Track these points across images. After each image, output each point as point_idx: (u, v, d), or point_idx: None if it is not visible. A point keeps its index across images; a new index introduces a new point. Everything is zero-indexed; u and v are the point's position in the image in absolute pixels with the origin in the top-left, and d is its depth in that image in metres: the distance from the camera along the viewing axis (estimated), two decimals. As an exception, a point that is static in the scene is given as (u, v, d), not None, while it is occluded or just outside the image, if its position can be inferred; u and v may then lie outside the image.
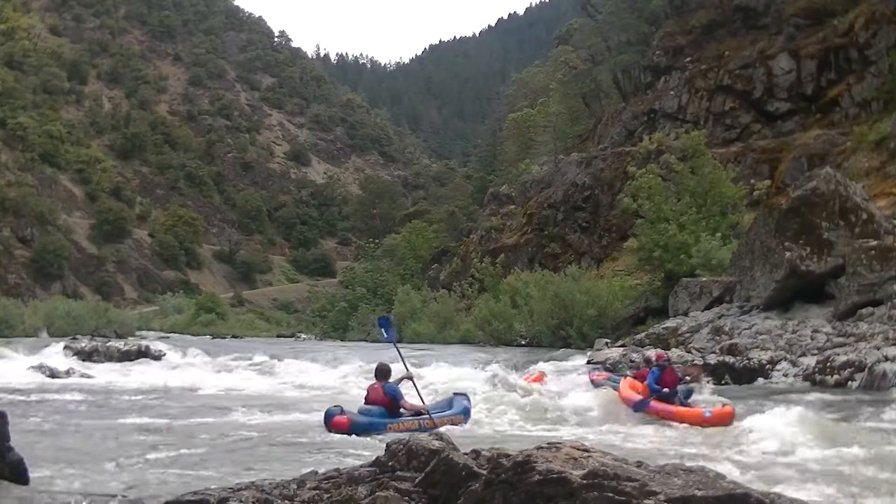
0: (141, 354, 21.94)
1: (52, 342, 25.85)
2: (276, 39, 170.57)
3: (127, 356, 21.40)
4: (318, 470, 4.32)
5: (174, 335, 53.71)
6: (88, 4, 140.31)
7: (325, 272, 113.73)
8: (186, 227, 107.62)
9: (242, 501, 3.82)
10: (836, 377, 14.17)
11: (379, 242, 72.95)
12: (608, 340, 24.85)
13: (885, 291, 16.74)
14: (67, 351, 21.12)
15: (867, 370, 13.60)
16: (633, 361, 17.13)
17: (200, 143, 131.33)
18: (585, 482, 3.49)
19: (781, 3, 41.59)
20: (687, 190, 29.79)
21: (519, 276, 39.19)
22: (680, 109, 42.90)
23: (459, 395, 11.19)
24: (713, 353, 16.93)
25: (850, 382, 13.83)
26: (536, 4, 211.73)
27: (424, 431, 8.03)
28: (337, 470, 4.21)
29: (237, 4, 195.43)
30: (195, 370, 19.32)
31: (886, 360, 13.68)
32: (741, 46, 41.82)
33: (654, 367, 11.99)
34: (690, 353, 17.55)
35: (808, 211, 18.92)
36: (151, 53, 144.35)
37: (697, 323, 20.81)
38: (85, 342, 23.45)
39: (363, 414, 9.95)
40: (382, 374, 10.56)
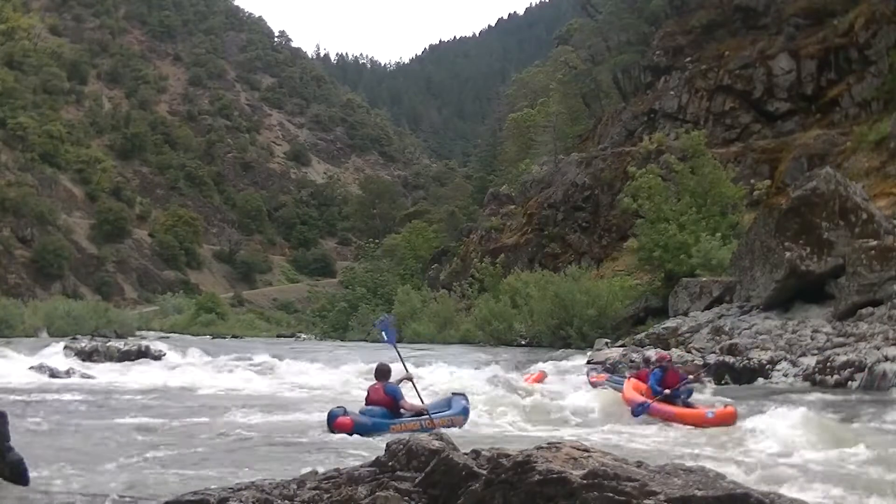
0: (141, 354, 21.91)
1: (52, 342, 25.84)
2: (276, 39, 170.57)
3: (127, 356, 21.37)
4: (318, 470, 4.32)
5: (174, 335, 53.72)
6: (88, 4, 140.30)
7: (325, 272, 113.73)
8: (186, 227, 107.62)
9: (242, 501, 3.82)
10: (836, 377, 14.17)
11: (379, 242, 72.95)
12: (608, 340, 24.86)
13: (885, 291, 16.74)
14: (67, 351, 21.09)
15: (867, 370, 13.61)
16: (633, 361, 17.14)
17: (200, 143, 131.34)
18: (585, 482, 3.49)
19: (781, 3, 41.59)
20: (687, 190, 29.79)
21: (519, 276, 39.20)
22: (680, 109, 42.90)
23: (458, 394, 11.17)
24: (713, 353, 16.92)
25: (850, 382, 13.83)
26: (536, 4, 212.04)
27: (426, 432, 8.02)
28: (337, 470, 4.21)
29: (237, 4, 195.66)
30: (195, 370, 19.28)
31: (886, 360, 13.68)
32: (741, 46, 41.83)
33: (656, 368, 11.95)
34: (690, 353, 17.55)
35: (808, 211, 18.91)
36: (151, 53, 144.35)
37: (697, 323, 20.80)
38: (85, 342, 23.43)
39: (365, 415, 9.94)
40: (382, 374, 10.54)
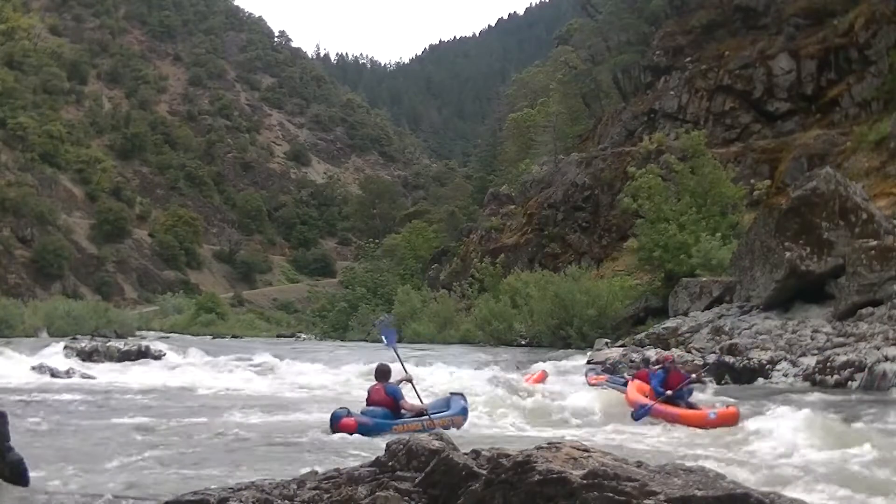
0: (141, 354, 21.91)
1: (52, 342, 25.84)
2: (276, 39, 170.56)
3: (127, 356, 21.37)
4: (318, 470, 4.32)
5: (174, 335, 53.74)
6: (88, 4, 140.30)
7: (325, 272, 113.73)
8: (186, 227, 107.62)
9: (242, 501, 3.82)
10: (836, 377, 14.17)
11: (379, 242, 72.94)
12: (608, 340, 24.87)
13: (885, 291, 16.74)
14: (67, 351, 21.09)
15: (867, 370, 13.61)
16: (633, 361, 17.15)
17: (200, 143, 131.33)
18: (585, 482, 3.49)
19: (781, 3, 41.59)
20: (687, 190, 29.80)
21: (519, 276, 39.20)
22: (680, 109, 42.90)
23: (456, 394, 11.15)
24: (713, 353, 16.92)
25: (850, 382, 13.83)
26: (536, 4, 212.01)
27: (427, 432, 8.01)
28: (337, 470, 4.21)
29: (237, 4, 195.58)
30: (195, 370, 19.28)
31: (886, 360, 13.67)
32: (741, 46, 41.83)
33: (658, 369, 11.93)
34: (690, 353, 17.56)
35: (808, 211, 18.91)
36: (151, 53, 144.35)
37: (697, 323, 20.80)
38: (85, 342, 23.43)
39: (367, 415, 9.91)
40: (383, 374, 10.53)
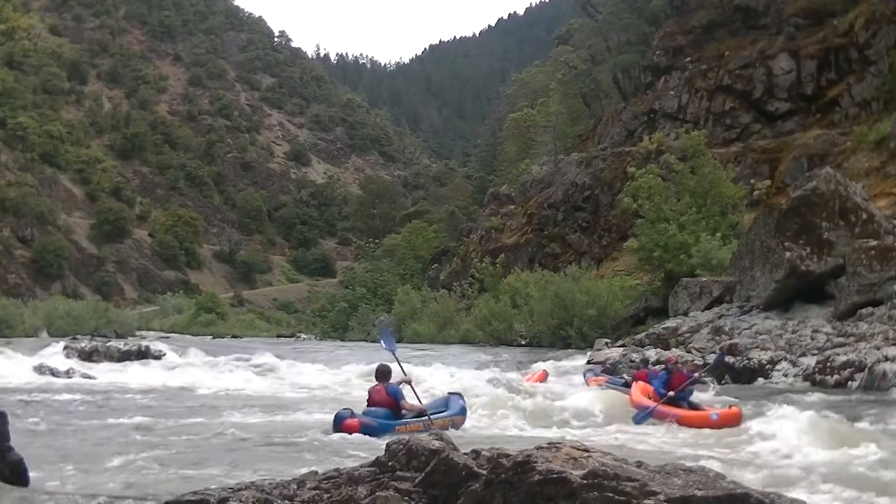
0: (141, 354, 21.89)
1: (52, 342, 25.84)
2: (276, 39, 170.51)
3: (127, 356, 21.36)
4: (318, 470, 4.32)
5: (174, 335, 53.75)
6: (88, 4, 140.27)
7: (325, 272, 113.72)
8: (186, 227, 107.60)
9: (242, 501, 3.82)
10: (836, 377, 14.18)
11: (379, 242, 72.96)
12: (608, 340, 24.87)
13: (885, 291, 16.74)
14: (67, 351, 21.07)
15: (867, 370, 13.61)
16: (633, 361, 17.17)
17: (200, 143, 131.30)
18: (585, 482, 3.49)
19: (781, 3, 41.60)
20: (687, 190, 29.80)
21: (519, 276, 39.20)
22: (680, 109, 42.90)
23: (454, 394, 11.13)
24: (713, 353, 16.92)
25: (850, 382, 13.83)
26: (536, 4, 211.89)
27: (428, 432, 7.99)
28: (337, 470, 4.21)
29: (237, 4, 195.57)
30: (195, 370, 19.28)
31: (886, 360, 13.68)
32: (741, 46, 41.83)
33: (661, 371, 11.91)
34: (690, 353, 17.57)
35: (808, 211, 18.91)
36: (151, 53, 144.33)
37: (697, 323, 20.80)
38: (85, 342, 23.42)
39: (369, 416, 9.88)
40: (383, 375, 10.50)
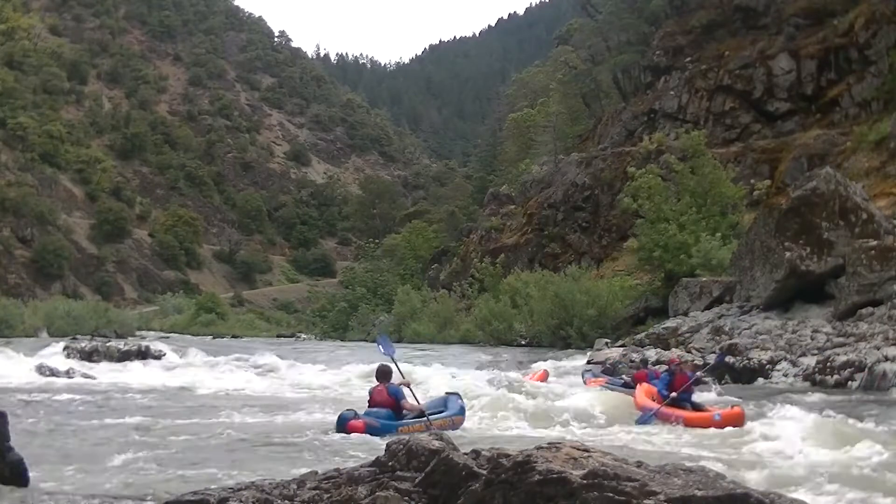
0: (141, 354, 21.86)
1: (52, 342, 25.85)
2: (276, 39, 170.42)
3: (127, 356, 21.34)
4: (318, 470, 4.32)
5: (174, 335, 53.75)
6: (88, 4, 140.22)
7: (325, 272, 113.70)
8: (186, 227, 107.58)
9: (242, 501, 3.82)
10: (836, 377, 14.18)
11: (379, 242, 72.96)
12: (608, 340, 24.88)
13: (885, 291, 16.74)
14: (67, 351, 21.08)
15: (867, 370, 13.62)
16: (633, 361, 17.18)
17: (200, 143, 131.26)
18: (585, 482, 3.49)
19: (781, 3, 41.61)
20: (687, 190, 29.80)
21: (519, 276, 39.20)
22: (680, 109, 42.90)
23: (452, 394, 11.10)
24: (713, 353, 16.93)
25: (850, 382, 13.84)
26: (536, 4, 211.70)
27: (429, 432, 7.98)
28: (337, 470, 4.21)
29: (237, 4, 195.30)
30: (195, 370, 19.28)
31: (886, 360, 13.68)
32: (741, 46, 41.83)
33: (664, 372, 11.89)
34: (690, 353, 17.57)
35: (808, 211, 18.91)
36: (151, 53, 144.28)
37: (697, 323, 20.81)
38: (85, 342, 23.42)
39: (372, 417, 9.81)
40: (384, 375, 10.43)
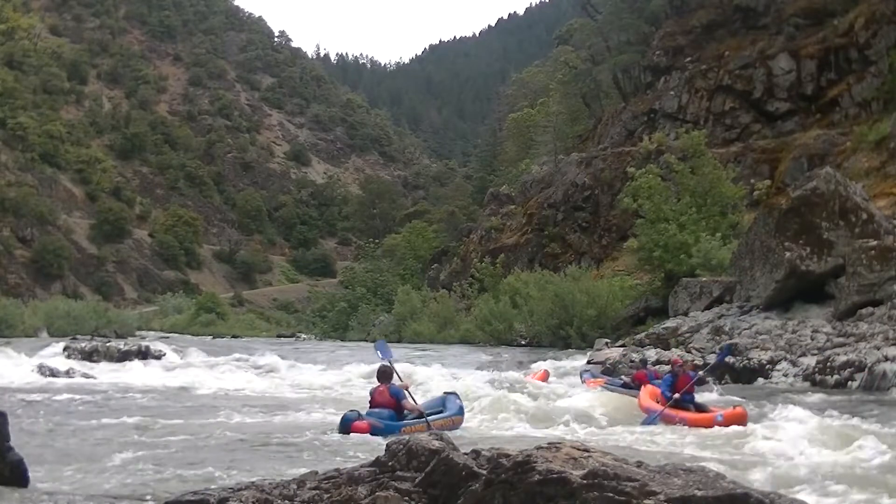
0: (141, 354, 21.86)
1: (52, 342, 25.86)
2: (276, 39, 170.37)
3: (127, 356, 21.34)
4: (318, 470, 4.32)
5: (174, 335, 53.72)
6: (88, 4, 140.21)
7: (325, 272, 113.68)
8: (186, 227, 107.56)
9: (242, 501, 3.82)
10: (836, 377, 14.19)
11: (379, 242, 72.94)
12: (608, 340, 24.87)
13: (885, 291, 16.75)
14: (67, 351, 21.09)
15: (867, 370, 13.62)
16: (633, 361, 17.19)
17: (200, 143, 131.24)
18: (585, 482, 3.49)
19: (781, 3, 41.60)
20: (687, 190, 29.81)
21: (519, 276, 39.19)
22: (680, 109, 42.90)
23: (450, 394, 11.08)
24: (713, 353, 16.93)
25: (850, 382, 13.85)
26: (536, 4, 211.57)
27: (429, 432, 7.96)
28: (337, 470, 4.21)
29: (237, 4, 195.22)
30: (195, 370, 19.27)
31: (886, 360, 13.69)
32: (741, 46, 41.83)
33: (667, 374, 11.89)
34: (690, 353, 17.59)
35: (808, 211, 18.92)
36: (151, 53, 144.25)
37: (697, 323, 20.80)
38: (85, 342, 23.42)
39: (374, 418, 9.76)
40: (385, 376, 10.38)
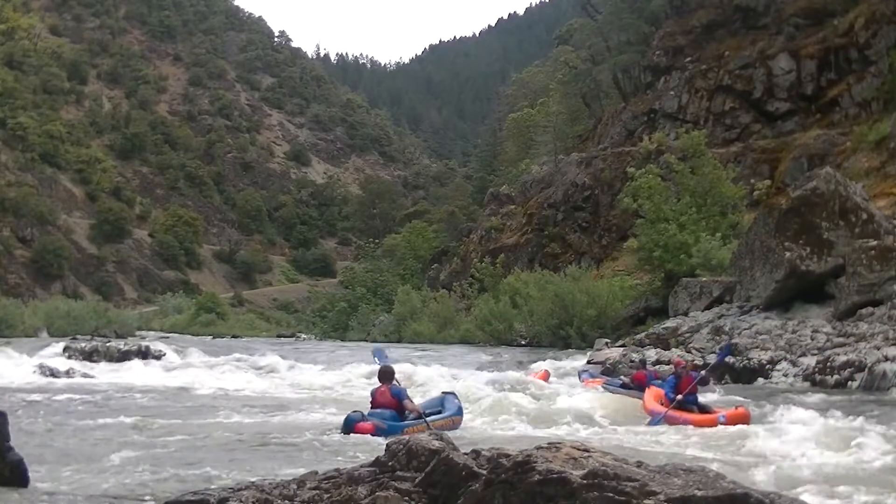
0: (141, 354, 21.86)
1: (52, 342, 25.87)
2: (276, 39, 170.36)
3: (127, 356, 21.34)
4: (318, 470, 4.32)
5: (174, 335, 53.72)
6: (88, 4, 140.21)
7: (325, 272, 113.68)
8: (186, 227, 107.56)
9: (242, 501, 3.82)
10: (836, 377, 14.19)
11: (379, 242, 72.93)
12: (608, 340, 24.86)
13: (885, 291, 16.74)
14: (67, 351, 21.10)
15: (867, 370, 13.62)
16: (633, 361, 17.20)
17: (200, 143, 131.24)
18: (585, 482, 3.49)
19: (781, 3, 41.60)
20: (687, 190, 29.80)
21: (519, 276, 39.19)
22: (680, 109, 42.89)
23: (448, 393, 11.06)
24: (713, 353, 16.93)
25: (850, 382, 13.85)
26: (536, 4, 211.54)
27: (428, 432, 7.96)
28: (337, 470, 4.21)
29: (237, 4, 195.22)
30: (195, 370, 19.27)
31: (886, 360, 13.69)
32: (741, 46, 41.83)
33: (671, 375, 11.89)
34: (690, 353, 17.59)
35: (808, 211, 18.92)
36: (151, 53, 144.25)
37: (697, 323, 20.80)
38: (85, 342, 23.43)
39: (376, 418, 9.71)
40: (387, 376, 10.31)
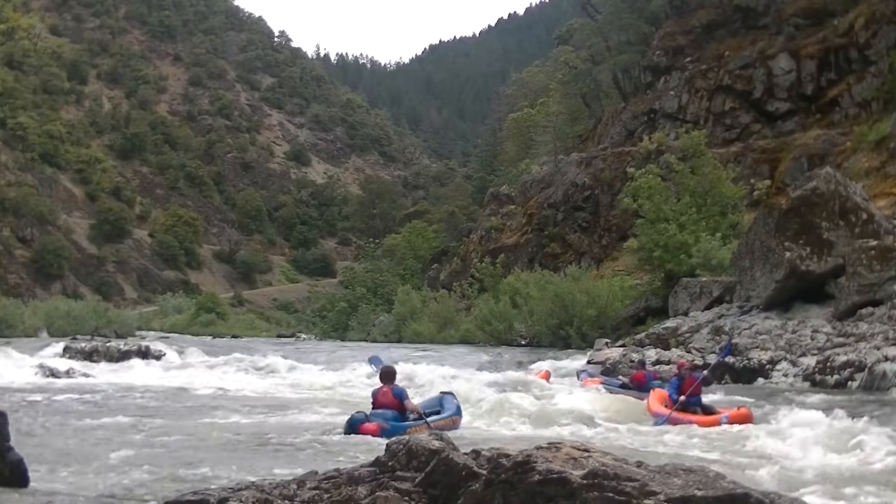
0: (141, 354, 21.89)
1: (52, 342, 25.90)
2: (276, 39, 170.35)
3: (127, 356, 21.37)
4: (317, 470, 4.32)
5: (174, 335, 53.70)
6: (88, 4, 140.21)
7: (325, 272, 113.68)
8: (186, 227, 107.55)
9: (242, 501, 3.82)
10: (836, 377, 14.19)
11: (379, 242, 72.91)
12: (608, 340, 24.86)
13: (885, 291, 16.75)
14: (67, 351, 21.12)
15: (867, 370, 13.62)
16: (633, 361, 17.21)
17: (200, 143, 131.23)
18: (585, 482, 3.49)
19: (781, 3, 41.59)
20: (687, 190, 29.80)
21: (519, 276, 39.18)
22: (680, 109, 42.88)
23: (447, 393, 11.04)
24: (713, 353, 16.94)
25: (850, 382, 13.85)
26: (536, 4, 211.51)
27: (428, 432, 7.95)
28: (337, 470, 4.21)
29: (237, 4, 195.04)
30: (195, 370, 19.30)
31: (886, 360, 13.69)
32: (741, 46, 41.83)
33: (674, 377, 11.88)
34: (690, 353, 17.59)
35: (808, 211, 18.92)
36: (151, 53, 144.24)
37: (697, 323, 20.80)
38: (85, 342, 23.46)
39: (378, 419, 9.67)
40: (389, 376, 10.27)
